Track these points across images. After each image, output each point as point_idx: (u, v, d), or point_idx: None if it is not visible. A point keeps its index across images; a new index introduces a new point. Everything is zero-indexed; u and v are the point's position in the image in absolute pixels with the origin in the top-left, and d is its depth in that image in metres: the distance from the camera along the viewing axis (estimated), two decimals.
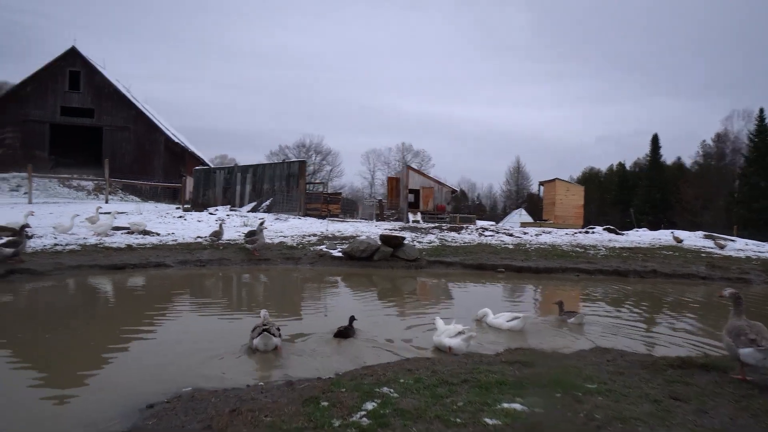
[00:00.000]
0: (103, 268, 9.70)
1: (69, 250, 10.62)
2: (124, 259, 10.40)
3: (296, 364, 4.64)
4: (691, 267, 13.47)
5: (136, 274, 9.73)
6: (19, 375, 4.21)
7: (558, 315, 7.40)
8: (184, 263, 11.03)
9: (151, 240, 12.91)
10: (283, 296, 9.11)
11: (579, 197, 24.73)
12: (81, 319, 6.44)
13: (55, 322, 6.23)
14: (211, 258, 11.62)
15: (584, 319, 7.13)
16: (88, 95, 40.51)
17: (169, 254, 11.47)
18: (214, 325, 6.45)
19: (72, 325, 6.15)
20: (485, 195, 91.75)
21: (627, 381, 3.67)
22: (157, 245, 12.31)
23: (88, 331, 5.86)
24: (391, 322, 6.92)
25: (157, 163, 41.17)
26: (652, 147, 72.55)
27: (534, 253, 14.58)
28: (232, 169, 24.37)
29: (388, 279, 11.18)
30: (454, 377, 3.62)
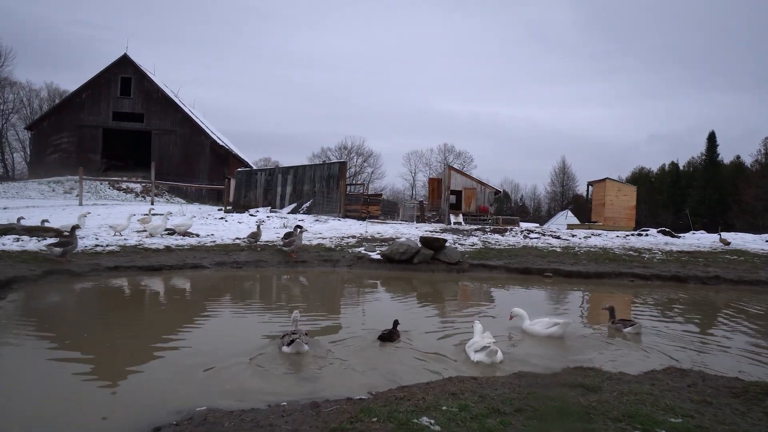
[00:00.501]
0: (140, 269, 9.63)
1: (108, 251, 10.64)
2: (162, 261, 10.32)
3: (327, 376, 4.23)
4: (759, 273, 12.29)
5: (172, 276, 9.61)
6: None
7: (609, 323, 6.71)
8: (220, 265, 10.86)
9: (189, 241, 12.87)
10: (320, 299, 8.75)
11: (631, 198, 23.39)
12: (106, 325, 6.23)
13: (78, 327, 6.06)
14: (248, 260, 11.42)
15: (642, 329, 6.44)
16: (138, 100, 41.87)
17: (207, 255, 11.35)
18: (245, 330, 6.13)
19: (94, 330, 5.95)
20: (529, 196, 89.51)
21: (718, 414, 3.04)
22: (195, 246, 12.23)
23: (109, 338, 5.61)
24: (432, 329, 6.42)
25: (202, 166, 42.06)
26: (709, 145, 68.83)
27: (583, 256, 13.73)
28: (273, 170, 24.42)
29: (428, 283, 10.67)
30: (506, 404, 3.09)
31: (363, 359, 4.83)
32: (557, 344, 5.77)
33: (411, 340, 5.62)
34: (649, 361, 5.00)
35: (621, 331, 6.41)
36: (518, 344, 5.74)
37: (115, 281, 8.81)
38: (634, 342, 6.01)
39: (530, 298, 9.48)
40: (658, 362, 4.93)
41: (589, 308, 9.18)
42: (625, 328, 6.41)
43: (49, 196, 30.65)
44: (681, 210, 66.64)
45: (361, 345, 5.36)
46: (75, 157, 40.36)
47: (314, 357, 4.80)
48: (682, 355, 5.36)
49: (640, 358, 5.22)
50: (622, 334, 6.39)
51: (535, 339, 5.98)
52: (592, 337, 6.39)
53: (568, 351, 5.49)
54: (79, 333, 5.75)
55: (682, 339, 6.32)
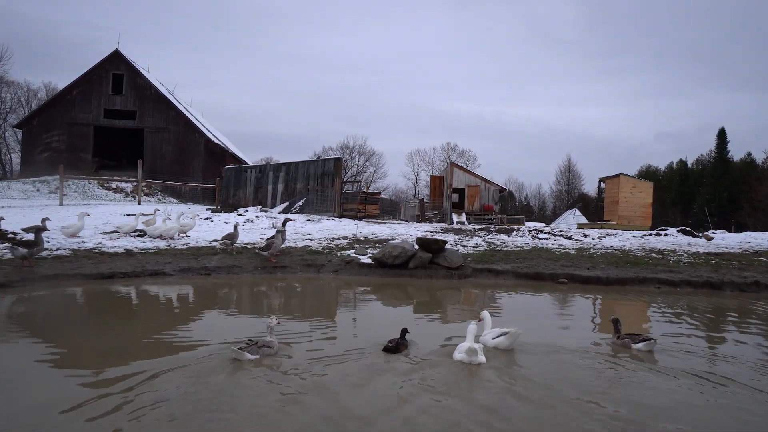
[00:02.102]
0: (86, 277, 8.24)
1: (55, 256, 9.28)
2: (116, 267, 8.94)
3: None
4: None
5: (122, 285, 8.21)
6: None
7: (614, 337, 5.58)
8: (186, 271, 9.47)
9: (158, 244, 11.49)
10: (291, 313, 7.33)
11: (647, 195, 21.81)
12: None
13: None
14: (220, 265, 10.03)
15: (655, 345, 5.29)
16: (130, 97, 40.59)
17: (172, 260, 9.96)
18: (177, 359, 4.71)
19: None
20: (533, 195, 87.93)
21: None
22: (162, 250, 10.85)
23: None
24: (429, 347, 5.00)
25: (197, 164, 40.73)
26: (719, 142, 67.11)
27: (601, 259, 12.28)
28: (264, 167, 23.05)
29: (425, 291, 9.24)
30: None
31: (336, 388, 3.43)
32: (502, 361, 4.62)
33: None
34: (690, 394, 3.54)
35: (629, 348, 5.28)
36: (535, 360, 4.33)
37: (44, 294, 7.36)
38: (645, 362, 4.80)
39: (540, 308, 8.04)
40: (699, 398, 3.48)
41: (604, 319, 7.75)
42: (634, 344, 5.27)
43: (33, 196, 29.37)
44: (690, 208, 65.04)
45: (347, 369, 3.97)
46: (66, 156, 39.04)
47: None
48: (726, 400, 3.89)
49: (674, 390, 3.75)
50: (629, 351, 5.23)
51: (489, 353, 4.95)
52: (595, 354, 5.13)
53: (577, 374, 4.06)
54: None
55: (729, 361, 4.89)
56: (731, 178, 63.39)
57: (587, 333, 6.37)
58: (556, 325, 6.72)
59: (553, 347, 5.34)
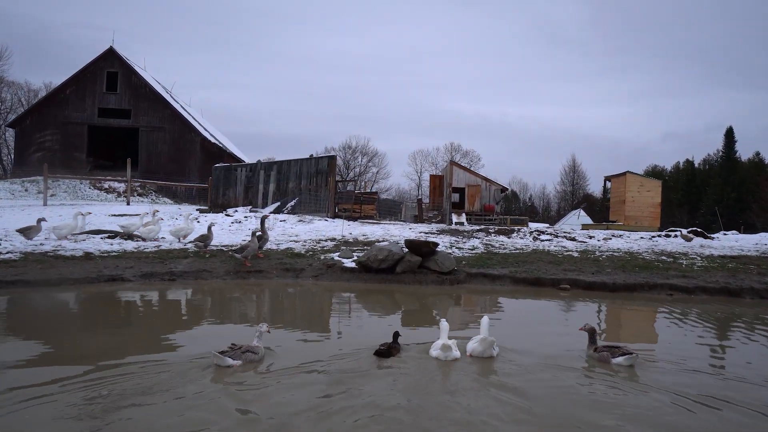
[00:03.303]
0: (27, 284, 7.37)
1: (2, 260, 8.38)
2: (67, 273, 8.07)
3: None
4: None
5: (69, 293, 7.33)
6: None
7: (590, 350, 4.97)
8: (148, 276, 8.59)
9: (125, 246, 10.61)
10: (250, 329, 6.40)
11: (655, 194, 20.74)
12: None
13: None
14: (188, 269, 9.14)
15: (637, 359, 4.67)
16: (125, 96, 39.85)
17: (135, 264, 9.08)
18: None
19: None
20: (538, 196, 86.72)
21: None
22: (126, 253, 9.97)
23: None
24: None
25: (193, 164, 39.96)
26: (726, 141, 65.92)
27: (607, 262, 11.32)
28: (255, 166, 22.16)
29: (412, 298, 8.33)
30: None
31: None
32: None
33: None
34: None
35: (608, 362, 4.70)
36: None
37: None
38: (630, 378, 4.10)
39: (538, 318, 7.10)
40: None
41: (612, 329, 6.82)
42: (613, 357, 4.70)
43: (20, 196, 28.63)
44: (698, 209, 63.76)
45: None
46: (59, 156, 38.39)
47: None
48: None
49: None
50: (608, 367, 4.63)
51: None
52: (569, 369, 4.32)
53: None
54: None
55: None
56: (739, 178, 62.16)
57: (568, 342, 5.49)
58: (539, 332, 5.82)
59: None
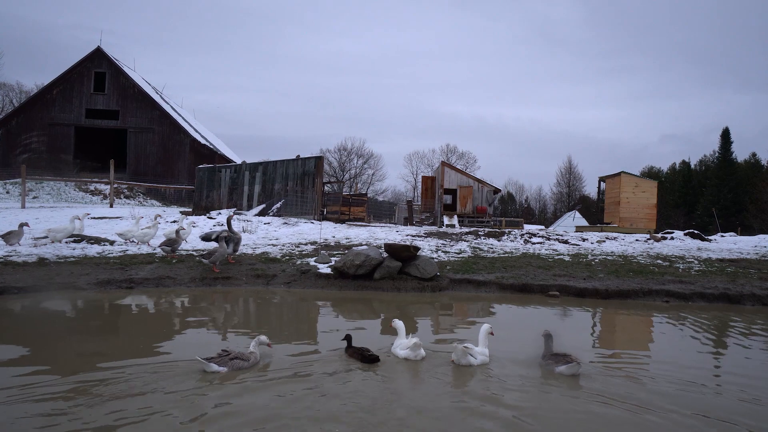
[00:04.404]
0: None
1: None
2: (11, 281, 7.42)
3: None
4: None
5: (7, 304, 6.68)
6: None
7: (543, 358, 4.80)
8: (105, 284, 7.96)
9: (87, 251, 9.98)
10: (202, 343, 5.77)
11: (651, 195, 20.15)
12: None
13: None
14: (150, 276, 8.51)
15: (580, 369, 4.49)
16: (113, 96, 39.21)
17: (92, 271, 8.45)
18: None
19: None
20: (534, 198, 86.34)
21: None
22: (86, 259, 9.33)
23: None
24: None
25: (182, 166, 39.30)
26: (723, 142, 65.55)
27: (599, 267, 10.75)
28: (240, 167, 21.53)
29: (388, 307, 7.70)
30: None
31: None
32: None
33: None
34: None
35: (551, 370, 4.60)
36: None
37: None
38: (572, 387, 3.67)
39: (516, 325, 6.49)
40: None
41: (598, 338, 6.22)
42: (557, 366, 4.56)
43: (1, 198, 27.89)
44: (694, 210, 63.36)
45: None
46: (46, 157, 37.78)
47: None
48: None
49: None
50: (553, 375, 4.51)
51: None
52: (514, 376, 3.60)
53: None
54: None
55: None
56: (735, 179, 61.79)
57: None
58: (511, 338, 5.20)
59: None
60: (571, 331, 6.61)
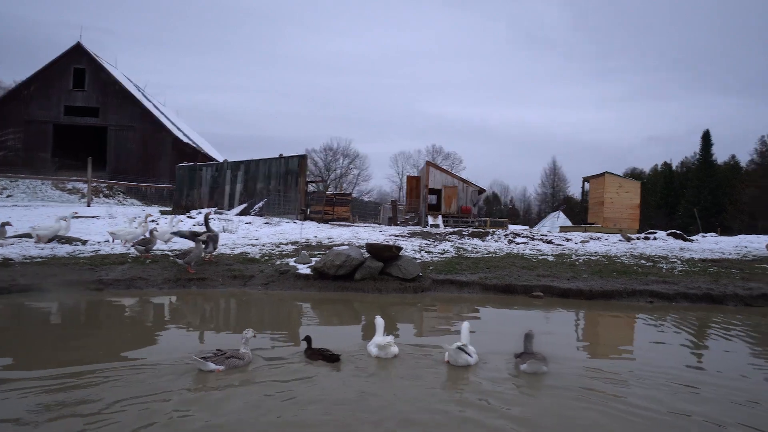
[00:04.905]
0: None
1: None
2: None
3: None
4: None
5: None
6: None
7: (516, 356, 4.79)
8: (73, 285, 7.64)
9: (56, 252, 9.61)
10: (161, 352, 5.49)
11: (634, 195, 20.25)
12: None
13: None
14: (121, 277, 8.19)
15: (544, 368, 4.46)
16: (93, 93, 38.40)
17: (59, 272, 8.11)
18: None
19: None
20: (519, 198, 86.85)
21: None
22: (54, 259, 8.98)
23: None
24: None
25: (164, 164, 38.61)
26: (703, 144, 66.40)
27: (583, 267, 10.66)
28: (221, 165, 21.16)
29: (368, 309, 7.49)
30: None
31: None
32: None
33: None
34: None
35: (518, 368, 4.57)
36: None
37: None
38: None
39: (496, 326, 6.33)
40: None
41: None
42: (522, 364, 4.53)
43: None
44: (675, 211, 64.16)
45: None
46: (23, 155, 36.90)
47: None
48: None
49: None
50: (519, 372, 4.49)
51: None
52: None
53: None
54: None
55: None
56: (715, 181, 62.69)
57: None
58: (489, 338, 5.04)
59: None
60: (555, 331, 6.46)
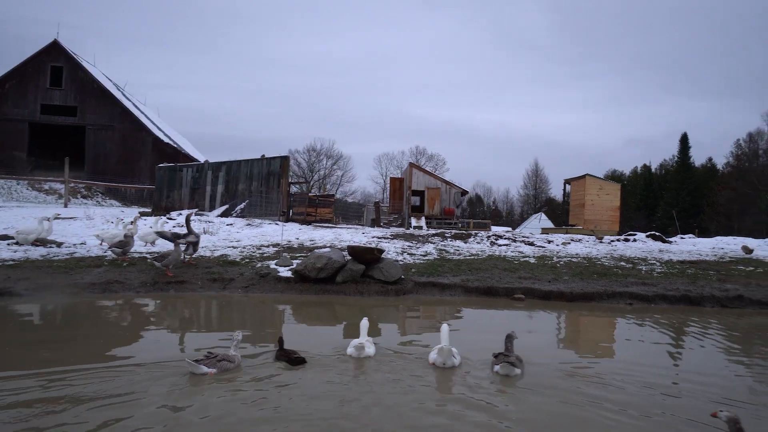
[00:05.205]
0: None
1: None
2: None
3: None
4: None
5: None
6: None
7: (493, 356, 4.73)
8: (46, 289, 7.43)
9: (29, 254, 9.36)
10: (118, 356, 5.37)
11: (614, 197, 20.50)
12: None
13: None
14: (98, 280, 8.00)
15: (516, 371, 4.44)
16: (70, 92, 37.65)
17: (32, 275, 7.89)
18: None
19: None
20: (501, 200, 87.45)
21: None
22: (27, 262, 8.74)
23: None
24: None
25: (144, 165, 38.03)
26: (681, 147, 67.70)
27: (564, 269, 10.73)
28: (202, 166, 20.88)
29: (349, 311, 7.41)
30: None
31: None
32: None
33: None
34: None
35: (494, 369, 4.58)
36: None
37: None
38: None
39: (475, 329, 6.32)
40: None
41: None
42: (496, 365, 4.54)
43: None
44: (654, 213, 65.29)
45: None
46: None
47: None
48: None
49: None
50: (494, 373, 4.52)
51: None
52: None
53: None
54: None
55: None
56: (693, 183, 63.93)
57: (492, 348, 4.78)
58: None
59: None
60: (536, 332, 6.47)
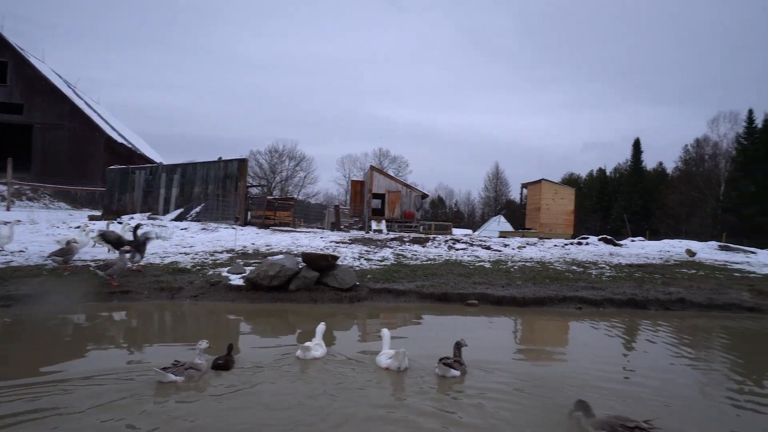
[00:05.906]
0: None
1: None
2: None
3: None
4: (729, 293, 9.92)
5: None
6: None
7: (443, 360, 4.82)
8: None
9: None
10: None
11: (569, 201, 21.05)
12: None
13: None
14: (33, 292, 7.60)
15: (451, 372, 4.68)
16: (16, 89, 35.89)
17: None
18: None
19: None
20: (463, 202, 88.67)
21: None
22: None
23: None
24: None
25: (95, 166, 36.58)
26: (634, 152, 70.35)
27: (518, 274, 10.91)
28: (156, 168, 20.25)
29: (301, 320, 7.30)
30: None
31: None
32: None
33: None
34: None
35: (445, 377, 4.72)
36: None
37: None
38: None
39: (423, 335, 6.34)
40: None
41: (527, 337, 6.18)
42: (448, 372, 4.71)
43: None
44: (609, 215, 67.58)
45: None
46: None
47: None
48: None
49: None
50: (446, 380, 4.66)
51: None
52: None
53: None
54: None
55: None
56: (645, 186, 66.44)
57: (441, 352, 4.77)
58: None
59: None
60: (485, 338, 6.52)
